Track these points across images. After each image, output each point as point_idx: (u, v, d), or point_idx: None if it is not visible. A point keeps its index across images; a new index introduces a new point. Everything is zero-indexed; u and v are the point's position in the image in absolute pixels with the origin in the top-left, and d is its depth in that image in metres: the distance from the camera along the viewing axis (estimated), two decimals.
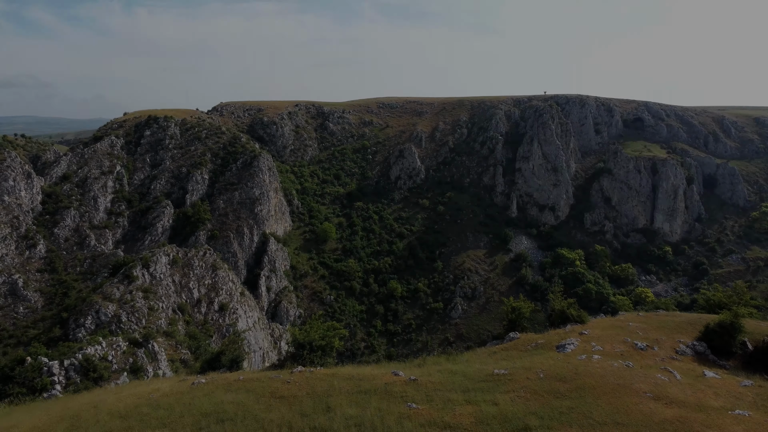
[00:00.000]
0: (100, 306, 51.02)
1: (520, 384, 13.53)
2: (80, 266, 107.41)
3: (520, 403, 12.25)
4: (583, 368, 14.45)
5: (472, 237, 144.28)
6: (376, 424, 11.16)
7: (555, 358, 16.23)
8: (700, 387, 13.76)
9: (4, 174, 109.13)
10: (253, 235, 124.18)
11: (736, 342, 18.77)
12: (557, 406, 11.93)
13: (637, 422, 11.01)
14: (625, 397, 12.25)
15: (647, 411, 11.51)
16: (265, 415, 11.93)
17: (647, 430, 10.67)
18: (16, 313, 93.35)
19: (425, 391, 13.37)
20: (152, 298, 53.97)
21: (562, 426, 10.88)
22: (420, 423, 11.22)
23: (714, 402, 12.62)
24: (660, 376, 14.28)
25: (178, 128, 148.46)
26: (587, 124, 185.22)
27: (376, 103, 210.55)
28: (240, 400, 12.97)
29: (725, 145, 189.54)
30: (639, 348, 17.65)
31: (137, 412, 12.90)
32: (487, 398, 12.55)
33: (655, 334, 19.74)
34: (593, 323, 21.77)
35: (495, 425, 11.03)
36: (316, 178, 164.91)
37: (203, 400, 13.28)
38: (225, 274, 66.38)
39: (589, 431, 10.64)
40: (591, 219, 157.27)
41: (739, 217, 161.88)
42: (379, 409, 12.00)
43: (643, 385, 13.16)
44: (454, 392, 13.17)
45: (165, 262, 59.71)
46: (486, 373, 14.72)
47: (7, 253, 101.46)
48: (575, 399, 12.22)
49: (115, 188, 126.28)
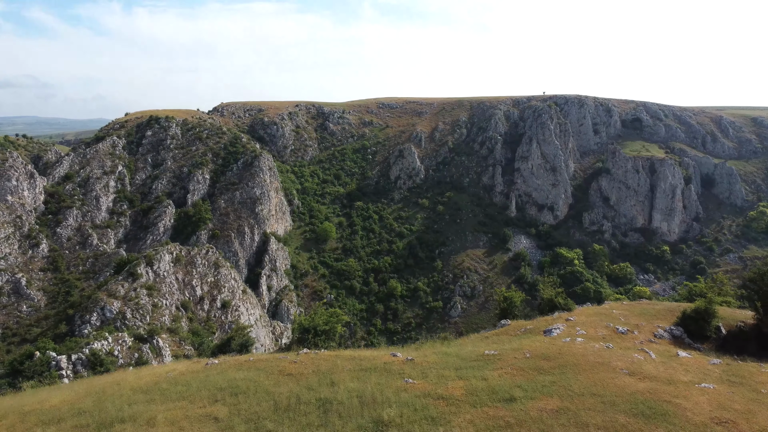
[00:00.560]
0: (105, 303, 51.98)
1: (508, 363, 14.61)
2: (82, 265, 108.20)
3: (507, 378, 13.34)
4: (567, 349, 15.51)
5: (471, 236, 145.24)
6: (375, 395, 12.23)
7: (541, 341, 17.31)
8: (673, 365, 14.81)
9: (7, 174, 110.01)
10: (253, 235, 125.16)
11: (710, 327, 19.85)
12: (540, 380, 13.01)
13: (612, 393, 12.08)
14: (603, 373, 13.30)
15: (621, 384, 12.56)
16: (275, 389, 13.01)
17: (620, 399, 11.74)
18: (19, 312, 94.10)
19: (421, 368, 14.48)
20: (156, 295, 54.94)
21: (544, 397, 11.97)
22: (416, 395, 12.32)
23: (683, 377, 13.67)
24: (636, 355, 15.33)
25: (180, 128, 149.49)
26: (586, 124, 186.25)
27: (375, 104, 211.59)
28: (251, 377, 14.04)
29: (723, 145, 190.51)
30: (620, 332, 18.74)
31: (157, 387, 13.95)
32: (477, 374, 13.63)
33: (636, 320, 20.85)
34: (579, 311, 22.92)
35: (483, 396, 12.12)
36: (317, 178, 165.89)
37: (217, 377, 14.35)
38: (227, 272, 67.36)
39: (567, 401, 11.71)
40: (589, 218, 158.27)
41: (737, 217, 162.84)
42: (379, 384, 13.08)
43: (620, 363, 14.23)
44: (448, 370, 14.26)
45: (168, 260, 60.68)
46: (477, 354, 15.80)
47: (11, 253, 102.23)
48: (557, 375, 13.29)
49: (116, 188, 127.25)
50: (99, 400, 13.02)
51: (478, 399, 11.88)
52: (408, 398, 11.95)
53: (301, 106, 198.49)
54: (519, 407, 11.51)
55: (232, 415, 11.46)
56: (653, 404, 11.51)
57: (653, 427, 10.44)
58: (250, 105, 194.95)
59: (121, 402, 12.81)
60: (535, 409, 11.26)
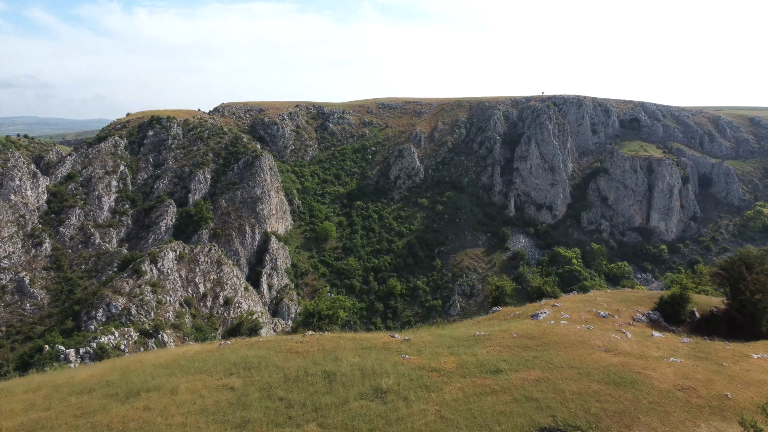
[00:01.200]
0: (110, 299, 53.05)
1: (496, 342, 15.83)
2: (85, 264, 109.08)
3: (494, 354, 14.59)
4: (550, 330, 16.74)
5: (470, 236, 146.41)
6: (375, 368, 13.46)
7: (528, 323, 18.56)
8: (646, 343, 16.04)
9: (11, 174, 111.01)
10: (254, 234, 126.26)
11: (685, 311, 21.15)
12: (524, 355, 14.29)
13: (588, 366, 13.31)
14: (581, 350, 14.52)
15: (597, 358, 13.79)
16: (284, 364, 14.23)
17: (595, 371, 12.96)
18: (23, 310, 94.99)
19: (417, 347, 15.74)
20: (160, 292, 56.01)
21: (527, 369, 13.23)
22: (411, 367, 13.59)
23: (654, 353, 14.88)
24: (614, 335, 16.56)
25: (181, 128, 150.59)
26: (584, 125, 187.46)
27: (375, 104, 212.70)
28: (262, 354, 15.25)
29: (721, 145, 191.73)
30: (601, 316, 19.95)
31: (176, 364, 15.10)
32: (467, 351, 14.89)
33: (618, 306, 22.12)
34: (565, 298, 24.19)
35: (472, 368, 13.37)
36: (317, 178, 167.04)
37: (231, 355, 15.54)
38: (229, 269, 68.44)
39: (547, 372, 12.95)
40: (588, 218, 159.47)
41: (734, 216, 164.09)
42: (378, 359, 14.33)
43: (598, 342, 15.47)
44: (441, 348, 15.51)
45: (172, 257, 61.76)
46: (469, 335, 17.03)
47: (14, 251, 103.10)
48: (540, 351, 14.55)
49: (118, 188, 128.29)
50: (124, 374, 14.22)
51: (468, 371, 13.15)
52: (404, 370, 13.24)
53: (301, 106, 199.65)
54: (504, 377, 12.78)
55: (247, 385, 12.70)
56: (624, 374, 12.75)
57: (622, 393, 11.67)
58: (251, 105, 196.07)
59: (145, 375, 14.02)
60: (518, 379, 12.52)
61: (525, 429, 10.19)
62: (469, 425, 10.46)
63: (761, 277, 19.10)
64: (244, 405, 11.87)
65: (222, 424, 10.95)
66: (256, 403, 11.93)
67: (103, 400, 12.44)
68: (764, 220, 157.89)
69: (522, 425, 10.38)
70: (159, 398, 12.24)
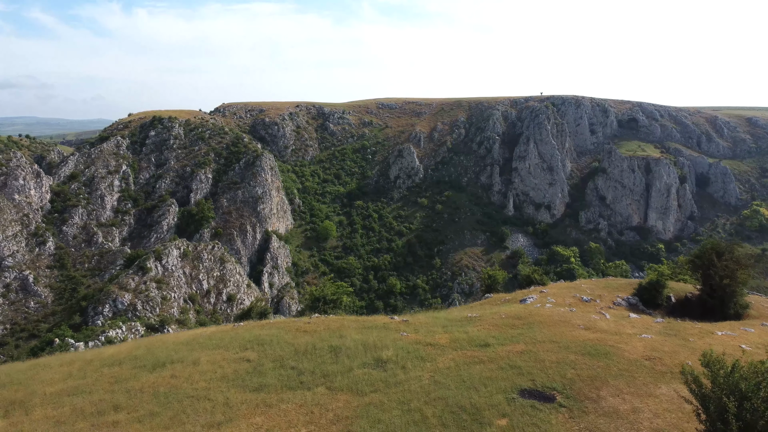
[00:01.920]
0: (117, 295, 54.33)
1: (486, 322, 17.29)
2: (88, 263, 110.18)
3: (484, 331, 16.06)
4: (536, 312, 18.21)
5: (469, 235, 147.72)
6: (376, 343, 14.92)
7: (517, 307, 20.09)
8: (622, 323, 17.48)
9: (14, 173, 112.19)
10: (255, 233, 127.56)
11: (661, 296, 22.69)
12: (511, 333, 15.79)
13: (567, 341, 14.76)
14: (563, 328, 15.97)
15: (577, 335, 15.25)
16: (294, 341, 15.68)
17: (573, 344, 14.41)
18: (27, 308, 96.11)
19: (414, 326, 17.24)
20: (165, 288, 57.29)
21: (512, 343, 14.72)
22: (408, 342, 15.08)
23: (629, 330, 16.33)
24: (594, 316, 18.00)
25: (182, 129, 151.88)
26: (582, 125, 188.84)
27: (375, 104, 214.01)
28: (273, 333, 16.69)
29: (718, 145, 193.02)
30: (584, 300, 21.41)
31: (196, 341, 16.48)
32: (460, 330, 16.37)
33: (600, 292, 23.66)
34: (552, 285, 25.76)
35: (463, 343, 14.84)
36: (317, 178, 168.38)
37: (245, 333, 16.94)
38: (232, 266, 69.74)
39: (531, 346, 14.41)
40: (586, 217, 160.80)
41: (731, 216, 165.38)
42: (379, 336, 15.82)
43: (578, 321, 16.93)
44: (436, 327, 17.01)
45: (176, 255, 63.02)
46: (462, 316, 18.51)
47: (18, 250, 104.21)
48: (525, 329, 16.04)
49: (121, 187, 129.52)
50: (149, 350, 15.60)
51: (459, 345, 14.61)
52: (402, 344, 14.70)
53: (301, 106, 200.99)
54: (491, 350, 14.23)
55: (261, 358, 14.10)
56: (599, 347, 14.16)
57: (595, 362, 13.08)
58: (252, 105, 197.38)
59: (168, 350, 15.40)
60: (504, 351, 13.93)
61: (507, 390, 11.58)
62: (458, 387, 11.86)
63: (730, 264, 20.69)
64: (259, 373, 13.31)
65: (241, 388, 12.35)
66: (271, 371, 13.36)
67: (132, 371, 13.82)
68: (761, 219, 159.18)
69: (505, 387, 11.78)
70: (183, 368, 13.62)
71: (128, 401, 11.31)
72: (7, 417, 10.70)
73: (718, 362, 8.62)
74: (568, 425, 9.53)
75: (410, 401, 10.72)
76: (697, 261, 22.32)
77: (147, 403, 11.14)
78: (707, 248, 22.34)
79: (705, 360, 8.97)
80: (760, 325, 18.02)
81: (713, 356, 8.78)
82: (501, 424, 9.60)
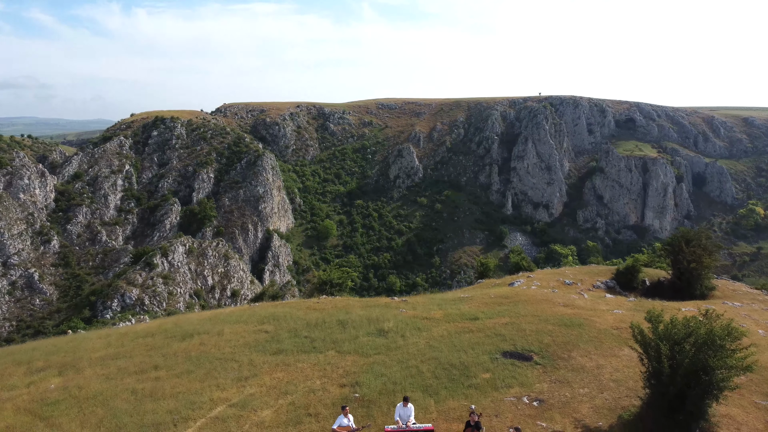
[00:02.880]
0: (125, 290, 55.97)
1: (477, 301, 19.19)
2: (92, 261, 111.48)
3: (474, 308, 17.99)
4: (522, 292, 20.15)
5: (468, 233, 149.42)
6: (379, 317, 16.83)
7: (505, 289, 22.13)
8: (598, 301, 19.37)
9: (20, 173, 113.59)
10: (257, 232, 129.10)
11: (637, 279, 24.72)
12: (498, 309, 17.75)
13: (547, 315, 16.67)
14: (544, 305, 17.86)
15: (556, 311, 17.14)
16: (306, 316, 17.61)
17: (552, 318, 16.36)
18: (32, 305, 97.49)
19: (412, 304, 19.18)
20: (171, 284, 58.93)
21: (499, 317, 16.65)
22: (407, 317, 17.06)
23: (603, 307, 18.22)
24: (573, 296, 19.88)
25: (184, 129, 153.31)
26: (580, 125, 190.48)
27: (375, 104, 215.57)
28: (286, 311, 18.64)
29: (714, 145, 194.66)
30: (566, 284, 23.29)
31: (217, 318, 18.36)
32: (453, 307, 18.32)
33: (582, 276, 25.64)
34: (539, 271, 27.82)
35: (456, 317, 16.74)
36: (318, 177, 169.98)
37: (261, 311, 18.85)
38: (236, 263, 71.40)
39: (514, 319, 16.31)
40: (583, 216, 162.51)
41: (727, 214, 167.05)
42: (381, 312, 17.82)
43: (559, 300, 18.82)
44: (432, 305, 18.93)
45: (182, 251, 64.65)
46: (456, 297, 20.49)
47: (24, 248, 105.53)
48: (511, 306, 17.96)
49: (124, 186, 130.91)
50: (177, 324, 17.42)
51: (452, 318, 16.57)
52: (402, 318, 16.65)
53: (302, 106, 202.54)
54: (480, 322, 16.16)
55: (277, 329, 15.96)
56: (574, 320, 16.01)
57: (570, 331, 14.93)
58: (252, 106, 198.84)
59: (194, 325, 17.27)
60: (491, 323, 15.81)
61: (492, 352, 13.41)
62: (450, 350, 13.73)
63: (696, 250, 22.63)
64: (277, 341, 15.17)
65: (262, 352, 14.18)
66: (287, 339, 15.25)
67: (165, 340, 15.62)
68: (756, 218, 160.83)
69: (490, 350, 13.62)
70: (209, 338, 15.44)
71: (165, 362, 13.07)
72: (62, 375, 12.48)
73: (658, 317, 10.49)
74: (541, 378, 11.39)
75: (408, 360, 12.61)
76: (668, 248, 24.25)
77: (182, 364, 12.92)
78: (678, 236, 24.30)
79: (648, 316, 10.73)
80: (721, 303, 19.88)
81: (655, 313, 10.63)
82: (485, 377, 11.46)
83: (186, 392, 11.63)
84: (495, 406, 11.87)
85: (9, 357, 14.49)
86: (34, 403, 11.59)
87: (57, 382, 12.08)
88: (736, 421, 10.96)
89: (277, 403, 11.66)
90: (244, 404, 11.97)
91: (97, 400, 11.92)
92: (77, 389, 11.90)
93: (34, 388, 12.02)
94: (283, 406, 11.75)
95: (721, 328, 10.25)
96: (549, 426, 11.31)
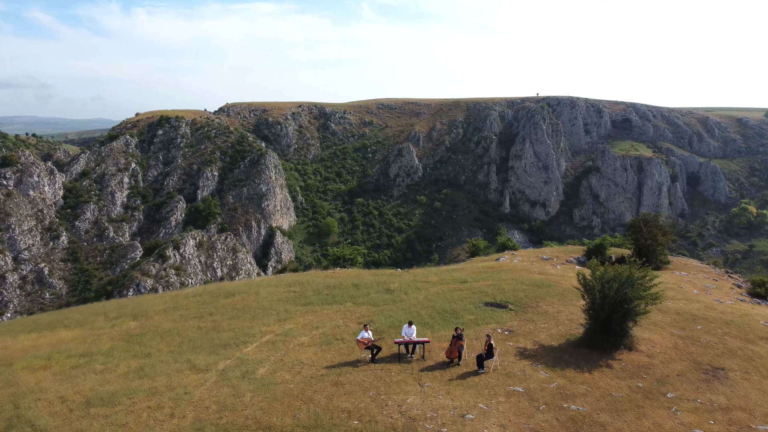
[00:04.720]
0: (140, 280, 59.13)
1: (467, 270, 22.81)
2: (100, 256, 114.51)
3: (464, 275, 21.57)
4: (505, 264, 23.90)
5: (467, 231, 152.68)
6: (386, 281, 20.38)
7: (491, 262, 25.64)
8: (568, 271, 22.98)
9: (29, 170, 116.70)
10: (260, 229, 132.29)
11: (604, 255, 28.50)
12: (484, 275, 21.38)
13: (523, 279, 20.24)
14: (522, 273, 21.42)
15: (531, 276, 20.71)
16: (325, 281, 21.17)
17: (527, 280, 20.04)
18: (42, 299, 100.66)
19: (413, 274, 23.01)
20: (183, 275, 62.11)
21: (484, 280, 20.29)
22: (409, 280, 20.75)
23: (571, 274, 21.69)
24: (548, 267, 23.35)
25: (189, 128, 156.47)
26: (577, 125, 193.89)
27: (375, 104, 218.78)
28: (308, 278, 22.47)
29: (709, 145, 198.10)
30: (544, 259, 26.89)
31: (251, 284, 22.03)
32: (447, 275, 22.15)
33: (558, 254, 29.38)
34: (522, 250, 31.31)
35: (449, 280, 20.37)
36: (319, 176, 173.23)
37: (287, 278, 22.44)
38: (244, 256, 74.64)
39: (496, 281, 19.96)
40: (580, 214, 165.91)
41: (720, 213, 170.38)
42: (388, 278, 21.45)
43: (535, 269, 22.45)
44: (430, 274, 22.66)
45: (192, 244, 67.82)
46: (449, 269, 24.21)
47: (34, 244, 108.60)
48: (494, 273, 21.60)
49: (130, 184, 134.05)
50: (218, 287, 21.14)
51: (445, 281, 20.22)
52: (405, 281, 20.26)
53: (303, 106, 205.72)
54: (468, 284, 19.81)
55: (303, 290, 19.51)
56: (545, 281, 19.57)
57: (539, 289, 18.44)
58: (255, 105, 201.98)
59: (233, 287, 20.83)
60: (477, 285, 19.39)
61: (476, 303, 16.90)
62: (443, 302, 17.24)
63: (653, 230, 26.38)
64: (304, 297, 18.70)
65: (293, 304, 17.60)
66: (312, 296, 18.85)
67: (212, 298, 19.06)
68: (749, 216, 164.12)
69: (474, 301, 17.09)
70: (248, 296, 18.87)
71: (218, 311, 16.44)
72: (136, 320, 15.74)
73: (596, 267, 14.15)
74: (513, 318, 14.83)
75: (410, 308, 16.16)
76: (630, 228, 27.88)
77: (231, 312, 16.30)
78: (638, 219, 28.06)
79: (588, 265, 14.26)
80: (671, 273, 23.26)
81: (594, 263, 14.24)
82: (470, 317, 14.87)
83: (240, 328, 15.26)
84: (476, 333, 15.97)
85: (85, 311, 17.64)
86: (123, 335, 15.04)
87: (134, 325, 15.32)
88: (653, 342, 14.93)
89: (311, 333, 15.29)
90: (286, 334, 15.57)
91: (172, 332, 15.36)
92: (154, 327, 15.28)
93: (118, 328, 15.36)
94: (316, 335, 15.43)
95: (638, 272, 14.20)
96: (515, 344, 15.33)
